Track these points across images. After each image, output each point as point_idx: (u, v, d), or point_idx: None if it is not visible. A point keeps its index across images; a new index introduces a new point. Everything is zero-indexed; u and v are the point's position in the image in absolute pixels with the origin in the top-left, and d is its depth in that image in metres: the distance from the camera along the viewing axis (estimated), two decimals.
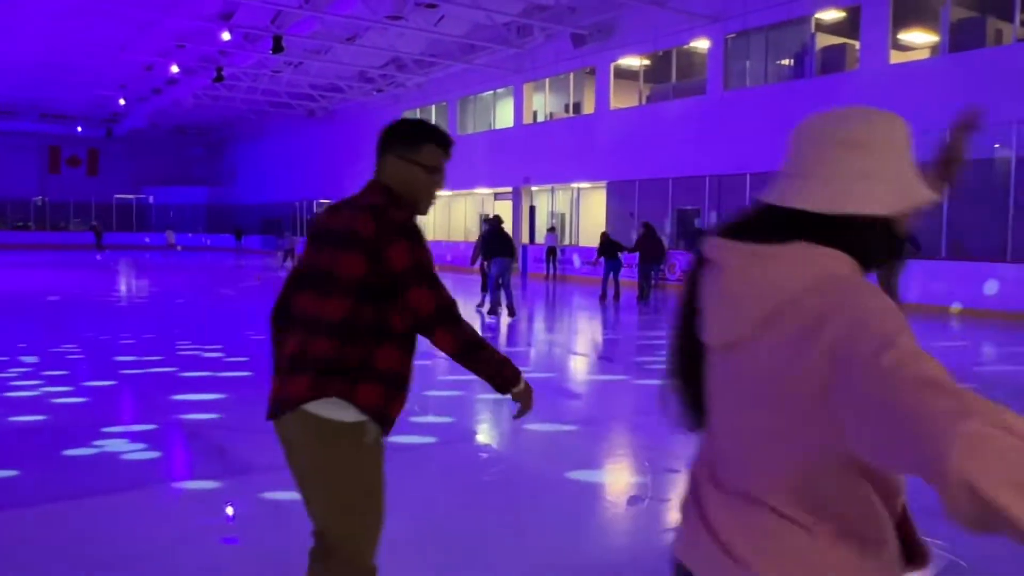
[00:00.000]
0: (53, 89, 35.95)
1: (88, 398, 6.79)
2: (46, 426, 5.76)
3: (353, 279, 2.06)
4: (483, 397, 7.21)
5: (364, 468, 2.15)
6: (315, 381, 2.05)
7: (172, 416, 6.18)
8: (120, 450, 5.23)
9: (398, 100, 32.82)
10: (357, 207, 2.17)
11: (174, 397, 6.80)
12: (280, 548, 3.67)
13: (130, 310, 15.10)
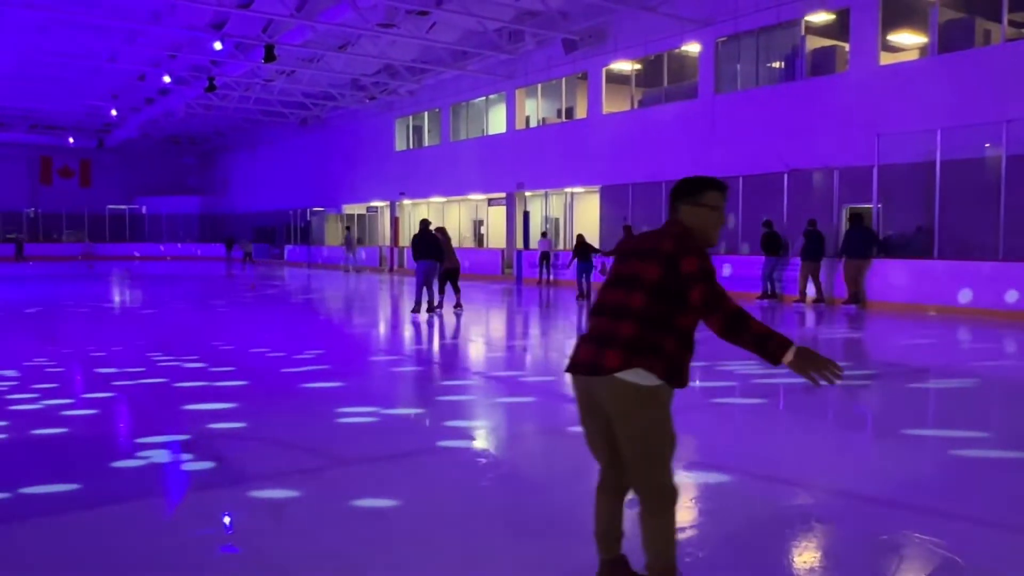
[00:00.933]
0: (44, 100, 35.87)
1: (96, 410, 6.77)
2: (71, 439, 5.74)
3: (651, 281, 2.84)
4: (484, 401, 7.22)
5: (663, 416, 2.90)
6: (625, 355, 2.81)
7: (190, 425, 6.17)
8: (139, 463, 5.21)
9: (390, 107, 32.87)
10: (662, 234, 2.95)
11: (186, 407, 6.78)
12: (281, 554, 3.68)
13: (121, 321, 15.06)
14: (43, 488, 4.61)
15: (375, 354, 10.79)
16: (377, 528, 4.02)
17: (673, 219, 3.03)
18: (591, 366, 2.89)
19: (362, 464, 5.16)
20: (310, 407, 6.92)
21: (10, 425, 6.08)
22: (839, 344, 11.14)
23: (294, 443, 5.66)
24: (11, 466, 5.11)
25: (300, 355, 9.78)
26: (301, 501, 4.43)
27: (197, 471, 5.12)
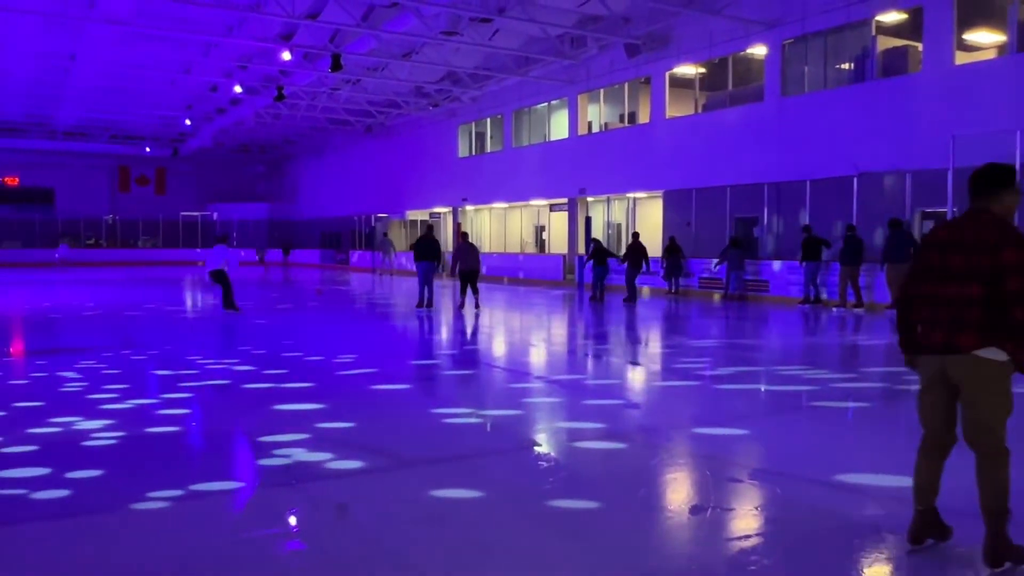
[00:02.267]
0: (123, 111, 37.29)
1: (188, 409, 7.02)
2: (157, 438, 5.98)
3: (985, 270, 3.32)
4: (542, 405, 7.24)
5: (1009, 387, 3.46)
6: (979, 337, 3.38)
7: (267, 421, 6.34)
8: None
9: (453, 114, 33.18)
10: (980, 225, 3.42)
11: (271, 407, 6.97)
12: (345, 552, 3.76)
13: (197, 324, 15.53)
14: (126, 478, 4.80)
15: (436, 356, 10.90)
16: (437, 530, 4.07)
17: (982, 208, 3.48)
18: (946, 346, 3.47)
19: (425, 465, 5.23)
20: (375, 407, 7.04)
21: (102, 426, 6.34)
22: (881, 351, 10.83)
23: (359, 443, 5.76)
24: (115, 463, 5.33)
25: (365, 357, 9.95)
26: (366, 500, 4.52)
27: (267, 469, 5.26)
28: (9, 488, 4.71)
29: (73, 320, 15.05)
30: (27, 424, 6.24)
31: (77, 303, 18.68)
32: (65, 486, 4.73)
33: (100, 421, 6.35)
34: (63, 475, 4.91)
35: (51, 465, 5.10)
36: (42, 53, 26.66)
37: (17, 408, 6.90)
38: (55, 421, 6.30)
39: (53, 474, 4.93)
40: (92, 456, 5.42)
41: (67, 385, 7.96)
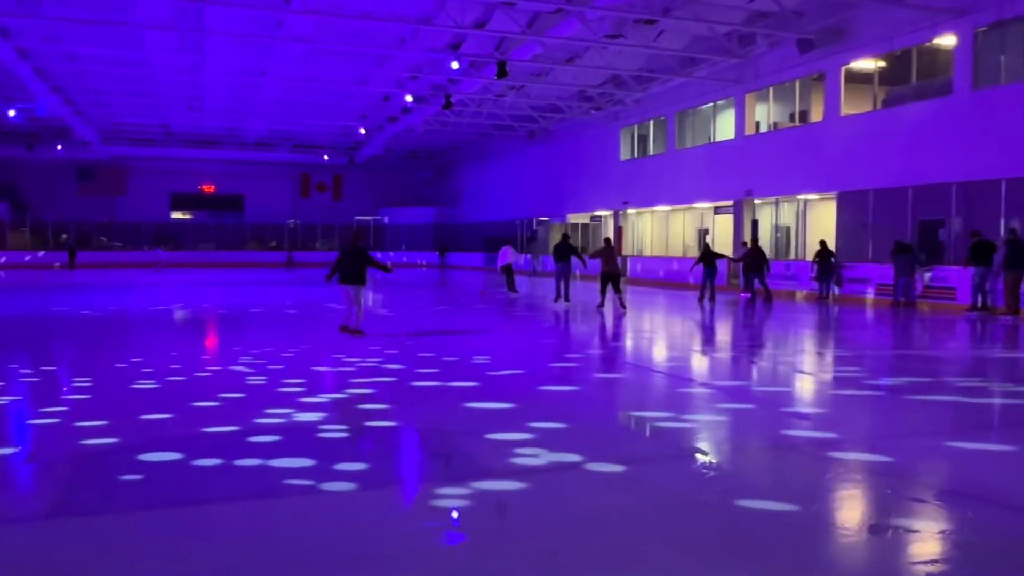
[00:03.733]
0: (305, 122, 39.96)
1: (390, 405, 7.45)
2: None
3: None
4: (705, 410, 7.08)
5: None
6: None
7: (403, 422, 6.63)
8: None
9: (616, 117, 33.07)
10: None
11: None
12: (501, 549, 3.85)
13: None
14: (288, 462, 5.16)
15: (604, 361, 10.91)
16: (595, 532, 4.09)
17: None
18: None
19: (586, 468, 5.26)
20: (546, 408, 7.15)
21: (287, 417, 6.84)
22: None
23: (524, 442, 5.87)
24: (302, 449, 5.75)
25: (527, 356, 10.10)
26: (526, 499, 4.61)
27: (433, 463, 5.48)
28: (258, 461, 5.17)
29: (248, 316, 16.27)
30: (251, 415, 6.82)
31: (254, 302, 20.15)
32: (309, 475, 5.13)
33: (315, 414, 6.81)
34: (326, 465, 5.33)
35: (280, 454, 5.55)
36: (236, 72, 29.05)
37: (227, 399, 7.54)
38: (273, 412, 6.78)
39: (319, 465, 5.36)
40: (321, 445, 5.85)
41: (250, 378, 8.61)
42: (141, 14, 21.80)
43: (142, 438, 5.90)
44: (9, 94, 31.83)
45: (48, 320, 15.75)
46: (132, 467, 5.15)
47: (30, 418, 6.89)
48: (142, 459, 5.31)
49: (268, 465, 5.20)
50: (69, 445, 5.79)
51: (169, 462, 5.26)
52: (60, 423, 6.45)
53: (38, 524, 4.24)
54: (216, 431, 6.12)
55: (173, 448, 5.53)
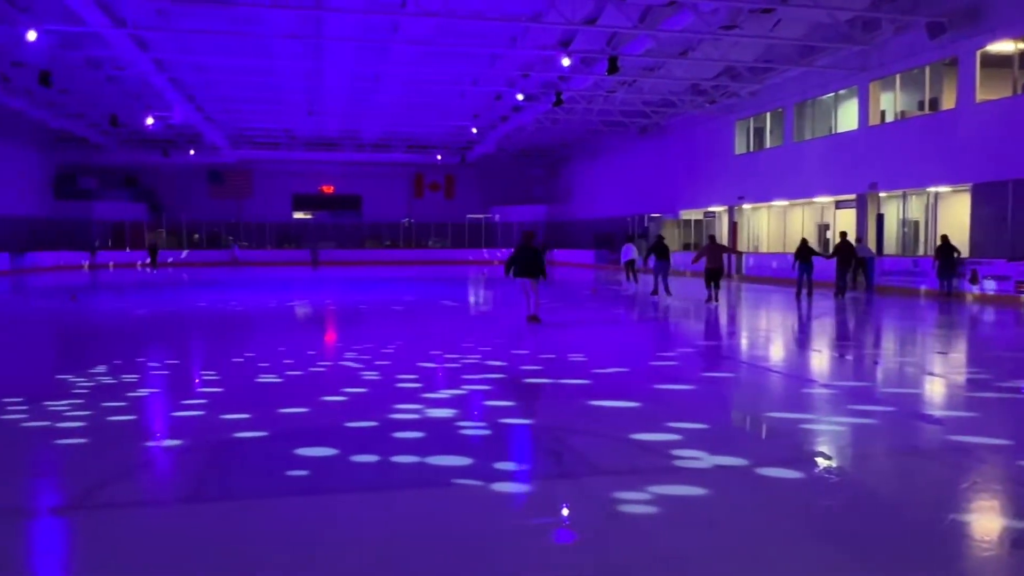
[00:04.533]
0: (419, 123, 40.88)
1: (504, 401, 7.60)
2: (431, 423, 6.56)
3: None
4: (828, 411, 6.81)
5: None
6: None
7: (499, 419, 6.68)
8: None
9: (731, 110, 32.25)
10: None
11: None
12: (617, 548, 3.82)
13: (466, 318, 16.57)
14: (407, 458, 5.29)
15: (716, 359, 10.67)
16: (709, 535, 4.00)
17: None
18: None
19: (703, 471, 5.16)
20: (675, 408, 7.06)
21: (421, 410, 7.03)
22: None
23: (674, 443, 5.80)
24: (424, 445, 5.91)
25: (646, 355, 10.00)
26: (640, 500, 4.56)
27: (546, 460, 5.50)
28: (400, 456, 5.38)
29: (381, 313, 16.77)
30: (385, 409, 7.07)
31: (385, 299, 20.76)
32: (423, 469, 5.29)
33: (448, 410, 6.99)
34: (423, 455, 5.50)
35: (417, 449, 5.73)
36: (354, 76, 29.99)
37: (353, 394, 7.82)
38: (402, 407, 6.97)
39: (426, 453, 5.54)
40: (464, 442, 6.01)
41: (366, 373, 8.88)
42: (266, 24, 22.82)
43: (330, 425, 6.20)
44: (148, 103, 33.97)
45: (209, 315, 16.72)
46: (292, 461, 5.42)
47: (177, 410, 7.35)
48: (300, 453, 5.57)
49: (425, 463, 5.36)
50: (225, 436, 6.14)
51: (325, 457, 5.50)
52: (252, 418, 6.83)
53: (231, 507, 4.53)
54: (402, 418, 6.35)
55: (368, 445, 5.76)
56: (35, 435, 6.07)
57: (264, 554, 3.78)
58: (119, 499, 4.69)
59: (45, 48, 23.80)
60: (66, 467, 5.39)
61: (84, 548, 4.02)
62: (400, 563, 3.67)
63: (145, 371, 9.16)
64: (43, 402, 7.05)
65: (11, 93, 30.51)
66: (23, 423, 6.38)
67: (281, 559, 3.70)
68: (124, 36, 22.58)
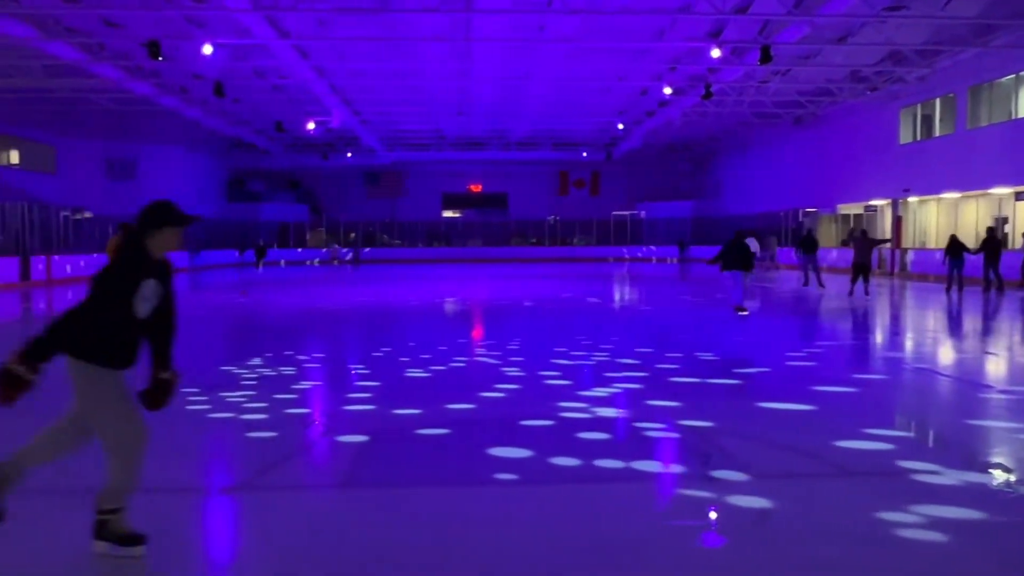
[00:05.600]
0: (564, 121, 41.00)
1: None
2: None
3: None
4: (1002, 418, 6.26)
5: None
6: None
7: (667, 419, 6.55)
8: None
9: (894, 97, 30.32)
10: None
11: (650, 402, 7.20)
12: (765, 555, 3.66)
13: (622, 317, 16.42)
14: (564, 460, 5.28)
15: (884, 362, 10.06)
16: (870, 547, 3.76)
17: None
18: None
19: (865, 476, 4.86)
20: (851, 411, 6.73)
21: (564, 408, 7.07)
22: None
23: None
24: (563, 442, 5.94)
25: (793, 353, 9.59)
26: (788, 507, 4.35)
27: (689, 463, 5.35)
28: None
29: (525, 310, 16.97)
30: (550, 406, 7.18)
31: (528, 296, 20.99)
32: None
33: (612, 409, 6.99)
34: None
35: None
36: (501, 76, 30.45)
37: (518, 392, 7.96)
38: (566, 405, 7.00)
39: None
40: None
41: (508, 368, 8.96)
42: (417, 28, 23.58)
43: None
44: (309, 109, 35.92)
45: (386, 310, 17.56)
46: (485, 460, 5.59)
47: (348, 403, 7.71)
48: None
49: (590, 464, 5.38)
50: (407, 431, 6.41)
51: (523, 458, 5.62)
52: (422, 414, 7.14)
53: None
54: None
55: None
56: (216, 424, 6.53)
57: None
58: (313, 480, 4.97)
59: (218, 61, 25.67)
60: (246, 453, 5.76)
61: (272, 524, 4.28)
62: (547, 559, 3.67)
63: (306, 363, 9.66)
64: (219, 392, 7.58)
65: (190, 103, 33.09)
66: (208, 413, 6.86)
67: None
68: (288, 47, 23.98)
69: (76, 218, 33.97)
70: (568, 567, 3.57)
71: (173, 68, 27.83)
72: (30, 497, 4.13)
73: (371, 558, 3.70)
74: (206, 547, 4.05)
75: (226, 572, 3.69)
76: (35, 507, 4.28)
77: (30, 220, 29.66)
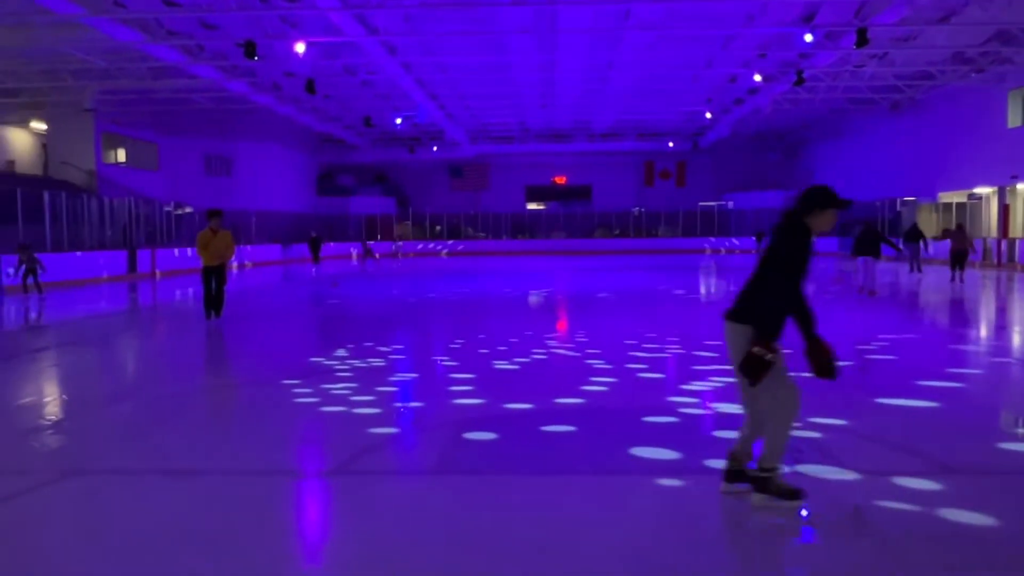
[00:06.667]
0: (649, 110, 40.45)
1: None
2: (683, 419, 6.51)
3: None
4: None
5: None
6: None
7: None
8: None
9: (1002, 79, 28.76)
10: None
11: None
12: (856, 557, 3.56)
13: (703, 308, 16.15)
14: (650, 451, 5.25)
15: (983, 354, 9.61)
16: (952, 551, 3.61)
17: None
18: None
19: (963, 476, 4.66)
20: (928, 412, 6.51)
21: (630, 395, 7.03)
22: None
23: (890, 442, 5.37)
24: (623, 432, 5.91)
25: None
26: (881, 506, 4.22)
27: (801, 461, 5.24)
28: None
29: (612, 303, 16.89)
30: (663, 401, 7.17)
31: (613, 287, 20.87)
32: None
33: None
34: None
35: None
36: (586, 66, 30.27)
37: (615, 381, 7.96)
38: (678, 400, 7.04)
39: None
40: None
41: (594, 361, 8.93)
42: (503, 21, 23.66)
43: None
44: (396, 104, 36.54)
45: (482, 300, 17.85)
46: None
47: (454, 397, 7.85)
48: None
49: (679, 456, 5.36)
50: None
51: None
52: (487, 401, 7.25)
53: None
54: None
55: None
56: (300, 408, 6.76)
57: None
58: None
59: (310, 59, 26.38)
60: (360, 444, 5.95)
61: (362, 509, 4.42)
62: (631, 552, 3.67)
63: (404, 355, 9.87)
64: (310, 379, 7.82)
65: (283, 101, 34.13)
66: (297, 399, 7.10)
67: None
68: (376, 43, 24.44)
69: (178, 213, 35.55)
70: (653, 562, 3.55)
71: (267, 67, 28.77)
72: (121, 477, 4.36)
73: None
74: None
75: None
76: (133, 487, 4.52)
77: (136, 215, 31.20)
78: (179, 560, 3.62)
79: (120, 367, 9.92)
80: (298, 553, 3.82)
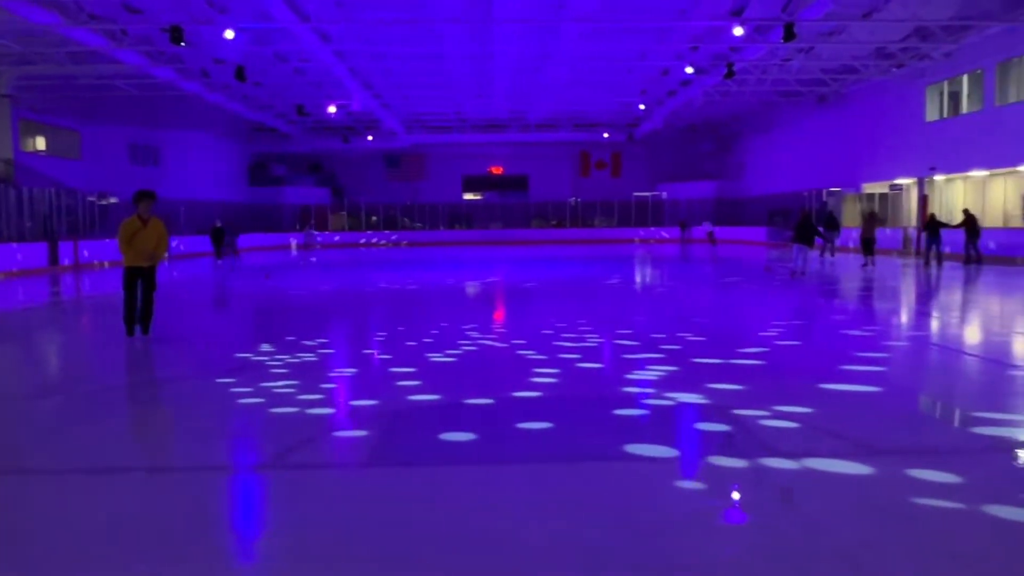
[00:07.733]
0: (584, 102, 40.76)
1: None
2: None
3: None
4: None
5: None
6: None
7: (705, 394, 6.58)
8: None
9: (921, 74, 29.86)
10: None
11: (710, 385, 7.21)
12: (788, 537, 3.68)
13: (639, 297, 16.42)
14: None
15: (906, 340, 10.00)
16: (891, 528, 3.77)
17: None
18: None
19: (898, 456, 4.86)
20: (855, 396, 6.74)
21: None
22: None
23: (827, 427, 5.56)
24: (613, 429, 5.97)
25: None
26: (818, 487, 4.37)
27: (717, 440, 5.38)
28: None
29: (548, 293, 16.99)
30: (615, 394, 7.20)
31: (552, 278, 21.01)
32: None
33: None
34: None
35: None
36: (521, 57, 30.31)
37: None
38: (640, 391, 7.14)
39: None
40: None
41: (563, 352, 9.00)
42: (437, 10, 23.51)
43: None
44: (329, 93, 36.00)
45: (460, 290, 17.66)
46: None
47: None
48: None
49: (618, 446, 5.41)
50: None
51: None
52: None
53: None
54: None
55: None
56: (250, 409, 6.65)
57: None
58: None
59: (240, 45, 25.78)
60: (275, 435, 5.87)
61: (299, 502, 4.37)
62: (566, 537, 3.73)
63: (365, 345, 9.76)
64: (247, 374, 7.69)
65: (212, 88, 33.28)
66: (241, 399, 6.97)
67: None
68: (308, 30, 24.02)
69: (102, 203, 34.37)
70: (592, 546, 3.62)
71: (195, 53, 28.00)
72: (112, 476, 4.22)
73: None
74: None
75: None
76: (121, 486, 4.38)
77: (57, 206, 30.06)
78: (109, 560, 3.54)
79: (38, 363, 9.58)
80: (233, 548, 3.77)
